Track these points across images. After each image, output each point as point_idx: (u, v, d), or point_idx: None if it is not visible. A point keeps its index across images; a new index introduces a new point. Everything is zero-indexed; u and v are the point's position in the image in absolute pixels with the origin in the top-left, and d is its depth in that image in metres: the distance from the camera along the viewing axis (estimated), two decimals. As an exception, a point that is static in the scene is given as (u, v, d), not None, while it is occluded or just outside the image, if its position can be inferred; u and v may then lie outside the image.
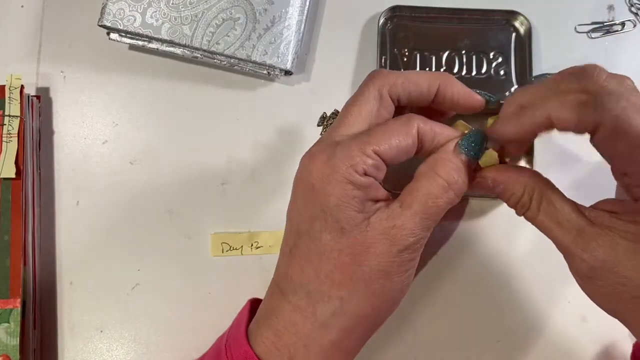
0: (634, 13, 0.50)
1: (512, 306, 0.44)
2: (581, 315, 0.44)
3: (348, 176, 0.28)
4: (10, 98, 0.44)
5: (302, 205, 0.31)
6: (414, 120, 0.30)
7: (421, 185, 0.30)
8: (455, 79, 0.32)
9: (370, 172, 0.29)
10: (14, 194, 0.42)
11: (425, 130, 0.30)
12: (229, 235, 0.46)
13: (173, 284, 0.45)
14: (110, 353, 0.44)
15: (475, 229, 0.46)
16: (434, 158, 0.30)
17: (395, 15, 0.49)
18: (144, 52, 0.49)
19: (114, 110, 0.49)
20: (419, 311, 0.44)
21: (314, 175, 0.29)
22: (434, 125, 0.31)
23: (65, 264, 0.45)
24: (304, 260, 0.30)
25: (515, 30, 0.49)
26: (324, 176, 0.29)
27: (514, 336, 0.44)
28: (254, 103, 0.48)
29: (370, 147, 0.29)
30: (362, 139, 0.29)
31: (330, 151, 0.29)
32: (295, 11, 0.47)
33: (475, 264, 0.45)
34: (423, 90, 0.32)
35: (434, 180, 0.29)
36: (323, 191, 0.29)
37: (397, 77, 0.31)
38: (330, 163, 0.29)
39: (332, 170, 0.29)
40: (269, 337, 0.31)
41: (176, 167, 0.47)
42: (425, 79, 0.32)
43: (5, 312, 0.40)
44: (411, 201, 0.29)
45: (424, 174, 0.30)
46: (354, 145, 0.29)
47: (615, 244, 0.26)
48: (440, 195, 0.29)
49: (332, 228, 0.29)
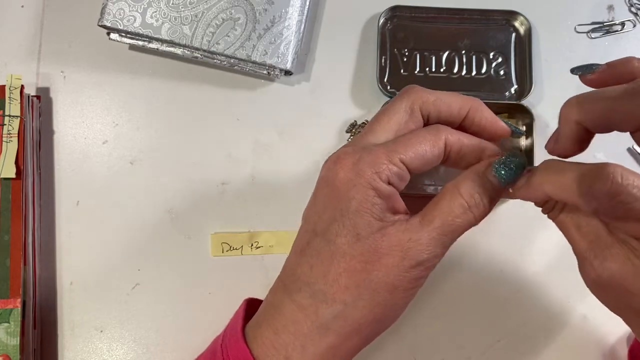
0: (634, 13, 0.50)
1: (513, 306, 0.44)
2: (582, 314, 0.44)
3: (372, 182, 0.29)
4: (11, 98, 0.44)
5: (322, 206, 0.31)
6: (442, 130, 0.30)
7: (444, 202, 0.30)
8: (484, 105, 0.32)
9: (393, 181, 0.29)
10: (14, 194, 0.42)
11: (452, 142, 0.30)
12: (229, 235, 0.46)
13: (173, 284, 0.45)
14: (110, 353, 0.44)
15: (475, 229, 0.46)
16: (462, 176, 0.30)
17: (395, 15, 0.49)
18: (144, 52, 0.49)
19: (114, 110, 0.49)
20: (419, 311, 0.44)
21: (339, 178, 0.30)
22: (462, 137, 0.31)
23: (65, 264, 0.45)
24: (314, 260, 0.30)
25: (515, 30, 0.49)
26: (348, 180, 0.29)
27: (514, 336, 0.44)
28: (254, 103, 0.48)
29: (397, 155, 0.29)
30: (390, 147, 0.29)
31: (357, 156, 0.30)
32: (295, 11, 0.47)
33: (475, 264, 0.45)
34: (454, 112, 0.32)
35: (456, 199, 0.29)
36: (346, 194, 0.29)
37: (430, 95, 0.32)
38: (356, 168, 0.29)
39: (357, 174, 0.29)
40: (268, 336, 0.31)
41: (176, 167, 0.47)
42: (457, 101, 0.32)
43: (5, 312, 0.40)
44: (431, 217, 0.29)
45: (448, 191, 0.30)
46: (381, 152, 0.29)
47: (628, 259, 0.25)
48: (459, 215, 0.29)
49: (348, 232, 0.29)
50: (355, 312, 0.30)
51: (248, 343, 0.31)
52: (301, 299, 0.30)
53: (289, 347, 0.30)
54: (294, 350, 0.30)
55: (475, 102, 0.32)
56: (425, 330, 0.44)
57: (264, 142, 0.48)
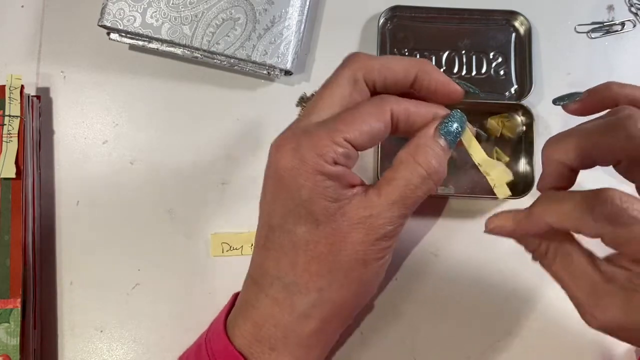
0: (634, 13, 0.50)
1: (513, 306, 0.44)
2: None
3: (318, 167, 0.27)
4: (10, 98, 0.44)
5: (271, 198, 0.30)
6: (386, 101, 0.29)
7: (400, 174, 0.29)
8: (434, 67, 0.31)
9: (340, 161, 0.28)
10: (14, 194, 0.42)
11: (398, 112, 0.29)
12: (229, 235, 0.46)
13: (173, 284, 0.45)
14: (110, 353, 0.44)
15: (475, 229, 0.46)
16: (413, 144, 0.29)
17: (395, 15, 0.49)
18: (144, 52, 0.49)
19: (114, 110, 0.49)
20: (419, 311, 0.44)
21: (282, 167, 0.28)
22: (408, 105, 0.29)
23: (65, 264, 0.45)
24: (279, 253, 0.30)
25: (515, 30, 0.49)
26: (292, 168, 0.28)
27: (514, 336, 0.44)
28: (254, 103, 0.48)
29: (340, 134, 0.27)
30: (331, 126, 0.28)
31: (297, 140, 0.28)
32: (295, 11, 0.47)
33: (475, 264, 0.45)
34: (399, 76, 0.30)
35: (414, 169, 0.28)
36: (294, 184, 0.28)
37: (373, 62, 0.30)
38: (298, 154, 0.28)
39: (300, 161, 0.28)
40: (247, 330, 0.31)
41: (176, 167, 0.47)
42: (402, 65, 0.30)
43: (5, 312, 0.40)
44: (389, 191, 0.28)
45: (403, 161, 0.29)
46: (322, 134, 0.28)
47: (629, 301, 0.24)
48: (419, 185, 0.28)
49: (306, 220, 0.28)
50: (332, 295, 0.29)
51: (230, 337, 0.31)
52: (275, 293, 0.30)
53: (272, 339, 0.30)
54: (277, 341, 0.30)
55: (422, 64, 0.30)
56: (425, 330, 0.44)
57: (264, 142, 0.48)
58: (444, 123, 0.29)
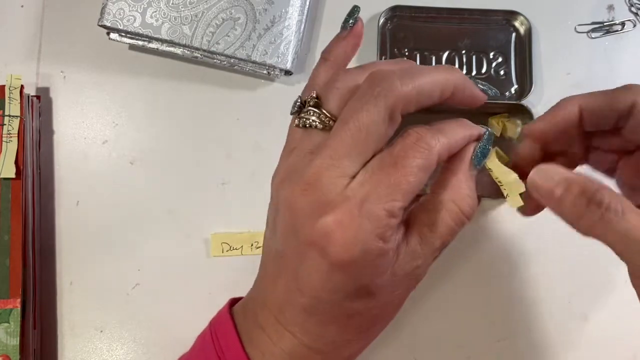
0: (634, 13, 0.50)
1: (513, 306, 0.44)
2: (582, 314, 0.44)
3: (379, 251, 0.25)
4: (10, 98, 0.44)
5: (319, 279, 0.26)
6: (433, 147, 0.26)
7: (443, 218, 0.27)
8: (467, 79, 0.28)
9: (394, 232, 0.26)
10: (14, 194, 0.42)
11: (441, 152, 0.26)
12: (229, 235, 0.46)
13: (173, 284, 0.45)
14: (110, 353, 0.44)
15: (474, 229, 0.46)
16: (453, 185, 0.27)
17: (395, 15, 0.49)
18: (144, 52, 0.49)
19: (114, 110, 0.49)
20: (419, 311, 0.44)
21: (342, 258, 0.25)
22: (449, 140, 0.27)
23: (65, 264, 0.45)
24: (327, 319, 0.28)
25: (515, 30, 0.49)
26: (355, 260, 0.25)
27: (514, 336, 0.44)
28: (254, 103, 0.48)
29: (396, 205, 0.25)
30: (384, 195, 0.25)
31: (355, 221, 0.24)
32: (295, 11, 0.47)
33: (475, 264, 0.45)
34: (435, 100, 0.27)
35: (457, 216, 0.27)
36: (354, 273, 0.26)
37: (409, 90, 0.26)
38: (359, 241, 0.25)
39: (363, 251, 0.25)
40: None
41: (176, 167, 0.47)
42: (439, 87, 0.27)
43: (5, 312, 0.40)
44: (433, 238, 0.27)
45: (444, 205, 0.27)
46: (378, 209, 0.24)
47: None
48: (458, 226, 0.28)
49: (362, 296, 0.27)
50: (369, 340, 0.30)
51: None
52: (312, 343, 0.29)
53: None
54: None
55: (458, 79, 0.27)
56: (425, 330, 0.44)
57: (264, 142, 0.48)
58: (478, 152, 0.28)
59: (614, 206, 0.24)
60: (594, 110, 0.28)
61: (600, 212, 0.24)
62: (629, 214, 0.24)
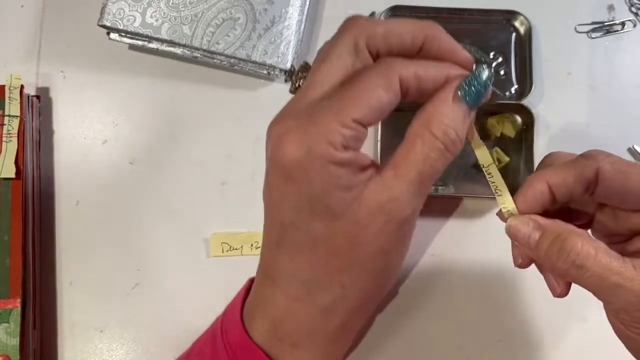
0: (634, 13, 0.50)
1: (513, 306, 0.44)
2: (582, 315, 0.44)
3: (328, 156, 0.25)
4: (10, 98, 0.44)
5: (279, 195, 0.27)
6: (392, 68, 0.26)
7: (417, 149, 0.26)
8: (443, 31, 0.28)
9: (350, 145, 0.25)
10: (14, 194, 0.42)
11: (408, 78, 0.26)
12: (229, 235, 0.46)
13: (173, 284, 0.45)
14: (110, 353, 0.44)
15: (474, 229, 0.46)
16: (428, 112, 0.26)
17: (395, 15, 0.49)
18: (144, 52, 0.49)
19: (114, 110, 0.49)
20: (418, 312, 0.44)
21: (288, 161, 0.26)
22: (418, 68, 0.26)
23: (65, 264, 0.45)
24: (294, 251, 0.28)
25: (515, 30, 0.49)
26: (300, 162, 0.25)
27: (514, 336, 0.44)
28: (254, 103, 0.48)
29: (348, 115, 0.25)
30: (336, 107, 0.25)
31: (302, 128, 0.25)
32: (295, 11, 0.47)
33: (475, 264, 0.45)
34: (406, 44, 0.27)
35: (431, 142, 0.26)
36: (304, 179, 0.26)
37: (376, 27, 0.27)
38: (305, 145, 0.25)
39: (308, 153, 0.25)
40: (266, 328, 0.30)
41: (176, 167, 0.47)
42: (409, 29, 0.27)
43: (5, 312, 0.40)
44: (406, 169, 0.26)
45: (419, 135, 0.26)
46: (328, 117, 0.25)
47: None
48: (437, 159, 0.26)
49: (321, 215, 0.26)
50: (354, 290, 0.28)
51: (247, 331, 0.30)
52: (294, 291, 0.29)
53: (294, 336, 0.29)
54: (301, 338, 0.29)
55: (430, 29, 0.27)
56: (425, 330, 0.44)
57: (263, 142, 0.47)
58: (464, 84, 0.26)
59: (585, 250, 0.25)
60: (561, 185, 0.28)
61: (572, 258, 0.25)
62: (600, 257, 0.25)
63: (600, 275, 0.25)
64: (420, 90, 0.27)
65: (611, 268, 0.25)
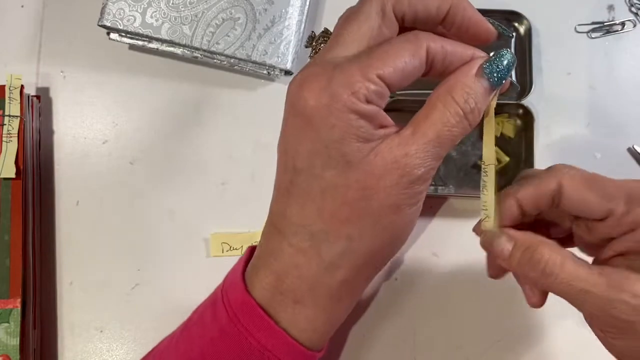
0: (634, 13, 0.50)
1: (512, 306, 0.44)
2: (581, 315, 0.44)
3: (351, 105, 0.25)
4: (10, 98, 0.44)
5: (296, 139, 0.28)
6: (421, 37, 0.27)
7: (437, 111, 0.27)
8: (469, 2, 0.28)
9: (373, 100, 0.26)
10: (14, 194, 0.42)
11: (435, 50, 0.27)
12: (229, 235, 0.46)
13: (173, 284, 0.45)
14: (110, 353, 0.44)
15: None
16: (452, 81, 0.27)
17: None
18: (144, 52, 0.49)
19: (114, 110, 0.49)
20: (419, 311, 0.44)
21: (310, 105, 0.26)
22: (445, 43, 0.27)
23: (65, 264, 0.45)
24: (304, 198, 0.28)
25: (515, 30, 0.49)
26: (322, 106, 0.26)
27: (514, 336, 0.44)
28: (254, 103, 0.48)
29: (374, 71, 0.25)
30: (364, 61, 0.26)
31: (327, 76, 0.26)
32: (295, 11, 0.47)
33: (475, 264, 0.45)
34: (431, 10, 0.28)
35: (451, 106, 0.27)
36: (323, 123, 0.26)
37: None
38: (328, 90, 0.26)
39: (331, 98, 0.26)
40: (268, 281, 0.29)
41: (176, 167, 0.47)
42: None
43: (5, 312, 0.40)
44: (425, 128, 0.27)
45: (441, 99, 0.27)
46: (354, 69, 0.26)
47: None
48: (455, 124, 0.27)
49: (337, 163, 0.26)
50: (362, 243, 0.28)
51: (249, 290, 0.30)
52: (299, 242, 0.28)
53: (297, 291, 0.29)
54: (303, 294, 0.29)
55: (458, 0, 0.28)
56: (425, 330, 0.44)
57: (264, 142, 0.48)
58: (490, 61, 0.28)
59: (552, 259, 0.27)
60: (528, 200, 0.29)
61: (541, 267, 0.27)
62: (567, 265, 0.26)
63: (568, 282, 0.26)
64: (445, 64, 0.27)
65: (578, 275, 0.26)
